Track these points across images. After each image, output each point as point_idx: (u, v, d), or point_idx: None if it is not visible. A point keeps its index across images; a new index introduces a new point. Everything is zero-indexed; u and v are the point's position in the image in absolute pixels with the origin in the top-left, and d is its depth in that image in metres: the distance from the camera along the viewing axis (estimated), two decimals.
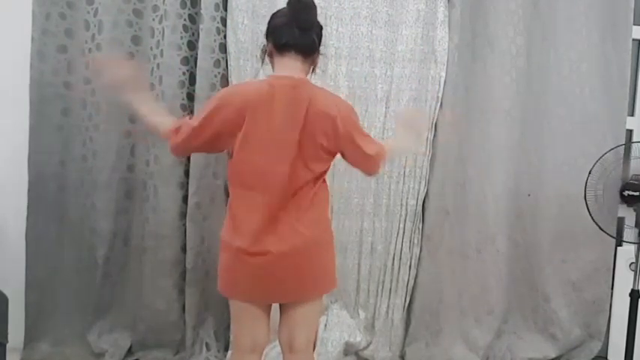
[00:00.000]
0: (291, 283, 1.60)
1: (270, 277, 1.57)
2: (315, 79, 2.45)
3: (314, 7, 1.59)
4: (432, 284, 2.68)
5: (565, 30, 2.72)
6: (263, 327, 1.68)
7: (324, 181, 1.68)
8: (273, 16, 1.62)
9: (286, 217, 1.56)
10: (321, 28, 1.64)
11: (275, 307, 1.72)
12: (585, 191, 2.43)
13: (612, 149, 2.51)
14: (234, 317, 1.71)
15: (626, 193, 2.44)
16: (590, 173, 2.44)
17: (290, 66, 1.59)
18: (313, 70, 1.68)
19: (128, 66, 1.68)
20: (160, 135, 1.67)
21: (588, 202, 2.43)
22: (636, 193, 2.42)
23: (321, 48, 1.66)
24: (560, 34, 2.72)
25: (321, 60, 1.70)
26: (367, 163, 1.70)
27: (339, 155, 1.69)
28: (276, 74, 1.62)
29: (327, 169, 1.66)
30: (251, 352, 1.68)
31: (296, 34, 1.55)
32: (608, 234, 2.50)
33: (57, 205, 2.46)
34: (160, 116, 1.68)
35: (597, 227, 2.47)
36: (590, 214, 2.43)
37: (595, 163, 2.46)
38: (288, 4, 1.56)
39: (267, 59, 1.66)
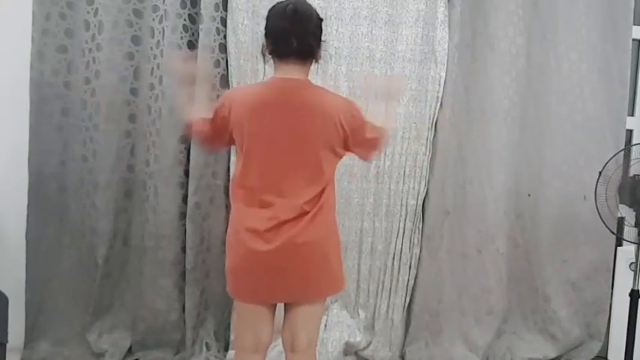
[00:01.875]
0: (298, 283, 1.60)
1: (276, 277, 1.58)
2: (315, 79, 2.46)
3: (311, 14, 1.59)
4: (432, 284, 2.68)
5: (565, 30, 2.72)
6: (267, 327, 1.68)
7: (332, 184, 1.68)
8: (271, 14, 1.61)
9: (293, 219, 1.56)
10: (320, 22, 1.63)
11: (280, 306, 1.72)
12: (596, 192, 2.41)
13: (621, 150, 2.48)
14: (239, 316, 1.72)
15: None
16: (600, 174, 2.42)
17: (291, 70, 1.60)
18: (317, 61, 1.67)
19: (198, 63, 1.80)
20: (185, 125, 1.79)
21: (598, 204, 2.40)
22: None
23: (323, 39, 1.66)
24: (560, 34, 2.72)
25: (320, 60, 1.70)
26: (370, 146, 1.74)
27: None
28: (278, 76, 1.62)
29: (334, 170, 1.66)
30: (254, 352, 1.68)
31: (294, 44, 1.56)
32: (616, 235, 2.49)
33: (57, 205, 2.46)
34: (197, 111, 1.72)
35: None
36: (600, 215, 2.40)
37: (605, 164, 2.43)
38: (284, 13, 1.55)
39: (268, 56, 1.65)
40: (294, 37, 1.55)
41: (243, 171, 1.60)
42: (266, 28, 1.61)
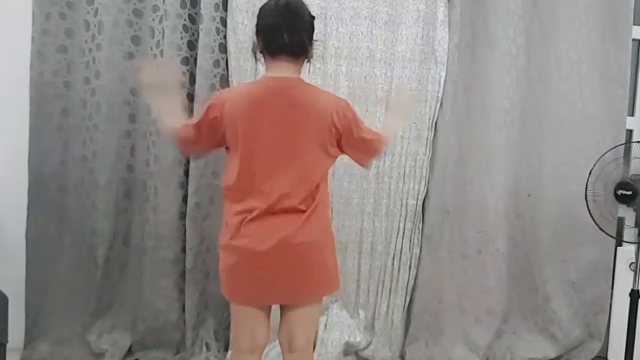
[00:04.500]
0: (294, 284, 1.60)
1: (272, 279, 1.57)
2: (315, 79, 2.47)
3: (303, 10, 1.58)
4: (432, 284, 2.68)
5: (565, 30, 2.72)
6: (263, 327, 1.68)
7: (326, 183, 1.67)
8: (262, 11, 1.60)
9: (288, 219, 1.56)
10: (312, 19, 1.62)
11: (275, 306, 1.72)
12: (586, 191, 2.43)
13: (612, 149, 2.51)
14: (235, 318, 1.71)
15: (619, 192, 2.45)
16: (590, 173, 2.45)
17: (282, 68, 1.59)
18: (309, 60, 1.65)
19: (165, 71, 1.71)
20: (169, 134, 1.70)
21: (588, 203, 2.43)
22: (629, 192, 2.43)
23: (315, 38, 1.64)
24: (560, 34, 2.72)
25: (321, 60, 1.69)
26: (365, 149, 1.71)
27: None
28: (270, 75, 1.61)
29: (327, 170, 1.66)
30: (251, 353, 1.68)
31: (286, 40, 1.55)
32: (607, 234, 2.50)
33: (57, 205, 2.46)
34: (174, 119, 1.66)
35: (597, 227, 2.47)
36: (591, 214, 2.43)
37: (595, 163, 2.46)
38: (276, 8, 1.55)
39: (259, 55, 1.65)
40: (286, 32, 1.54)
41: (237, 172, 1.58)
42: (257, 25, 1.60)
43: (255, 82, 1.72)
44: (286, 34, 1.54)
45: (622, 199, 2.46)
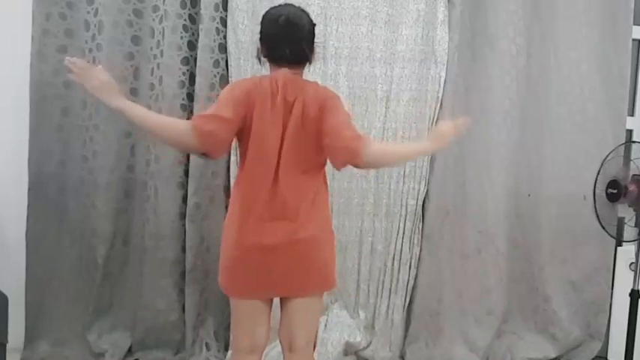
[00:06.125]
0: (295, 276, 1.61)
1: (273, 270, 1.59)
2: (315, 79, 2.45)
3: (303, 24, 1.62)
4: (432, 284, 2.68)
5: (565, 30, 2.72)
6: (263, 327, 1.69)
7: (325, 181, 1.69)
8: (265, 21, 1.64)
9: (291, 212, 1.58)
10: (312, 28, 1.66)
11: (276, 306, 1.72)
12: (594, 192, 2.43)
13: (614, 149, 2.51)
14: (235, 317, 1.72)
15: (609, 191, 2.48)
16: (598, 173, 2.45)
17: (285, 72, 1.63)
18: (310, 63, 1.69)
19: (101, 73, 1.66)
20: (177, 132, 1.52)
21: (596, 202, 2.43)
22: (615, 191, 2.46)
23: (317, 43, 1.68)
24: (560, 34, 2.72)
25: (321, 60, 1.71)
26: (338, 139, 1.53)
27: None
28: (272, 75, 1.64)
29: (325, 164, 1.67)
30: (250, 353, 1.68)
31: (287, 52, 1.60)
32: (609, 234, 2.50)
33: (57, 205, 2.46)
34: (164, 117, 1.62)
35: (597, 227, 2.47)
36: (597, 216, 2.43)
37: (602, 164, 2.46)
38: (277, 23, 1.59)
39: (264, 59, 1.69)
40: (287, 45, 1.60)
41: (244, 166, 1.61)
42: (260, 32, 1.65)
43: (260, 77, 1.70)
44: (287, 47, 1.60)
45: (611, 198, 2.48)
